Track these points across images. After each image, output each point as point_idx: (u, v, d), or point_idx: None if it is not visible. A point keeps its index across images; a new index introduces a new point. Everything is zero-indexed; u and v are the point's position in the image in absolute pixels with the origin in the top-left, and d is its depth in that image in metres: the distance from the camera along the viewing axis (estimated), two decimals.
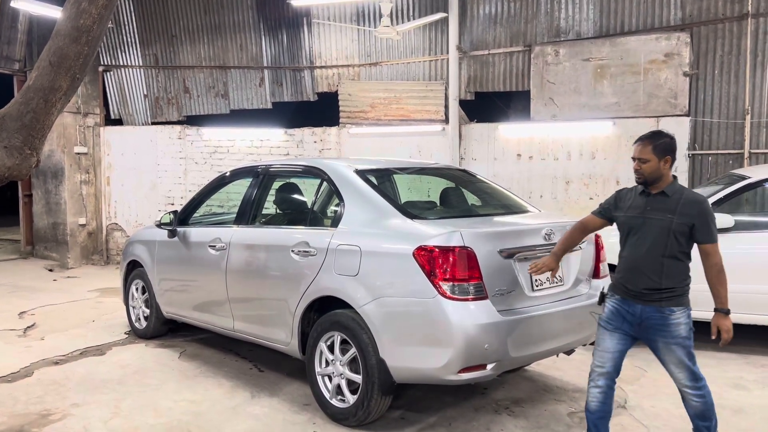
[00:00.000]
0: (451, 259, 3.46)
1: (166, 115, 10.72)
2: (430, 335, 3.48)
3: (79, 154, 10.51)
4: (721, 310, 3.18)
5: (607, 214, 3.43)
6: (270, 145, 9.82)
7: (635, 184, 3.34)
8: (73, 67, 4.13)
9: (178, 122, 10.59)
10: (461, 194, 4.83)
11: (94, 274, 9.81)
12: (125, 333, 6.19)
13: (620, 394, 4.49)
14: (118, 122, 10.92)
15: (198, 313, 5.27)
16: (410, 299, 3.54)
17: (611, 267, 5.28)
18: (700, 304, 3.48)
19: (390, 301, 3.62)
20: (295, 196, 4.89)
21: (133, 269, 6.12)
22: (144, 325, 5.98)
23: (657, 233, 3.15)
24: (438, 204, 4.73)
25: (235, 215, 4.98)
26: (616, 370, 3.30)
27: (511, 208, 4.64)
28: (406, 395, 4.40)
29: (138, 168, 10.46)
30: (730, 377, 4.86)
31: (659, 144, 3.18)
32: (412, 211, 4.03)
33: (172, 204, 10.12)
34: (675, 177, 3.28)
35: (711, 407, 3.28)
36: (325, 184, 4.37)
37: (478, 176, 5.22)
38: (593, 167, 8.03)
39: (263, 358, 5.27)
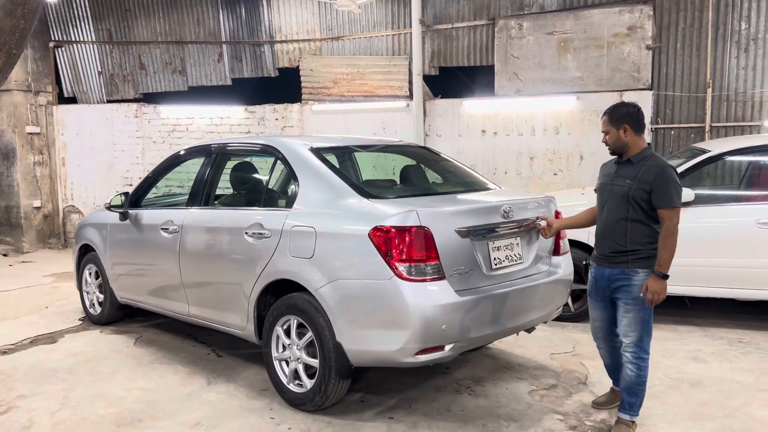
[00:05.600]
0: (407, 239, 3.36)
1: (121, 93, 10.36)
2: (387, 317, 3.39)
3: (31, 134, 10.12)
4: (657, 273, 3.24)
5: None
6: (230, 122, 9.56)
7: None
8: (9, 42, 3.90)
9: (135, 100, 10.25)
10: (421, 172, 4.72)
11: (50, 258, 9.51)
12: (79, 319, 5.99)
13: (582, 371, 4.50)
14: (72, 100, 10.52)
15: (153, 298, 5.10)
16: (366, 281, 3.44)
17: (572, 243, 5.30)
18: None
19: (346, 284, 3.51)
20: (250, 175, 4.71)
21: (86, 253, 5.90)
22: (98, 311, 5.79)
23: (619, 199, 3.34)
24: (398, 182, 4.62)
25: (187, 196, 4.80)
26: (609, 334, 3.61)
27: (471, 185, 4.56)
28: (367, 377, 4.33)
29: (94, 148, 10.12)
30: (689, 350, 4.89)
31: (614, 114, 3.38)
32: (369, 190, 3.91)
33: (131, 185, 9.83)
34: (649, 145, 3.43)
35: (642, 385, 3.40)
36: (279, 163, 4.21)
37: (439, 154, 5.13)
38: (557, 143, 7.99)
39: (221, 342, 5.14)
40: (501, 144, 8.30)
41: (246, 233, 4.09)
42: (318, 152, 4.11)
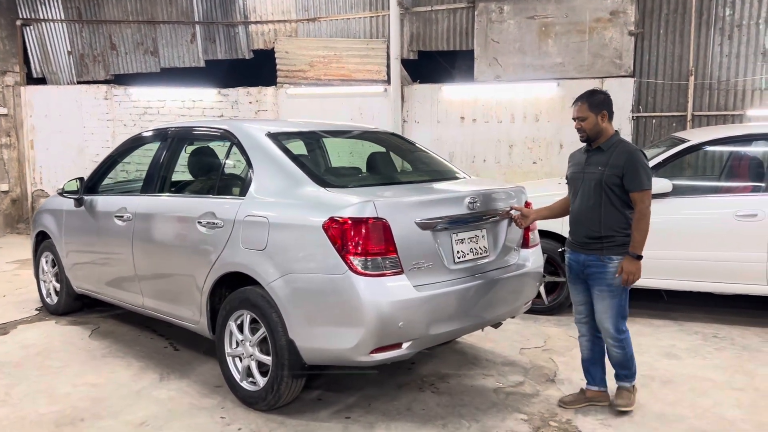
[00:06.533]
0: (363, 231, 3.16)
1: (92, 74, 10.02)
2: (341, 314, 3.20)
3: None
4: (631, 254, 3.34)
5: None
6: (203, 106, 9.28)
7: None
8: None
9: (106, 81, 9.92)
10: (389, 160, 4.51)
11: (17, 244, 9.22)
12: (36, 309, 5.76)
13: (551, 367, 4.35)
14: (42, 81, 10.17)
15: (107, 288, 4.88)
16: (320, 276, 3.24)
17: (546, 233, 5.14)
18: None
19: (299, 278, 3.31)
20: (205, 161, 4.46)
21: (43, 240, 5.67)
22: (55, 301, 5.56)
23: (592, 186, 3.40)
24: (363, 170, 4.41)
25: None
26: (591, 319, 3.60)
27: (440, 174, 4.36)
28: (328, 373, 4.15)
29: (63, 131, 9.81)
30: (662, 346, 4.76)
31: (593, 100, 3.41)
32: (328, 178, 3.71)
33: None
34: (617, 132, 3.50)
35: (630, 358, 3.56)
36: (234, 148, 3.98)
37: (410, 141, 4.95)
38: (537, 130, 7.81)
39: (181, 335, 4.93)
40: (480, 131, 8.10)
41: (199, 222, 3.87)
42: (275, 137, 3.88)
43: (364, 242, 3.16)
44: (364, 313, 3.12)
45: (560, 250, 4.59)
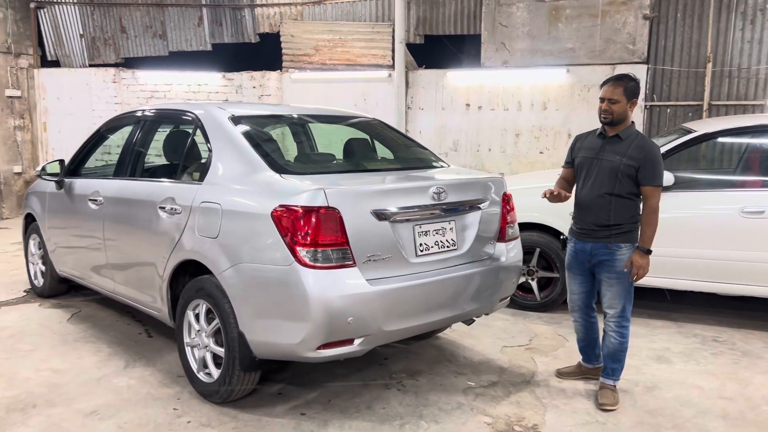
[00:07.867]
0: (312, 220, 2.99)
1: (103, 57, 10.04)
2: (287, 308, 3.04)
3: (11, 97, 9.87)
4: (641, 249, 3.37)
5: (570, 160, 3.66)
6: (208, 90, 9.21)
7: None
8: None
9: (116, 65, 9.92)
10: (365, 147, 4.32)
11: None
12: (24, 291, 5.77)
13: (530, 367, 4.13)
14: (56, 64, 10.24)
15: (85, 272, 4.83)
16: (267, 266, 3.09)
17: (536, 226, 4.89)
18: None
19: (248, 268, 3.17)
20: (173, 145, 4.32)
21: (32, 223, 5.66)
22: (41, 283, 5.55)
23: (606, 173, 3.38)
24: (336, 158, 4.23)
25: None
26: (586, 307, 3.69)
27: (417, 162, 4.17)
28: (294, 366, 4.01)
29: (74, 113, 9.85)
30: (655, 348, 4.49)
31: (629, 86, 3.36)
32: (289, 165, 3.55)
33: (109, 153, 9.55)
34: (633, 122, 3.47)
35: (625, 351, 3.58)
36: (198, 131, 3.85)
37: (395, 129, 4.75)
38: (544, 119, 7.51)
39: (158, 322, 4.79)
40: (485, 119, 7.83)
41: (161, 208, 3.76)
42: (238, 121, 3.73)
43: (313, 232, 2.99)
44: (310, 307, 2.96)
45: (562, 237, 4.56)
